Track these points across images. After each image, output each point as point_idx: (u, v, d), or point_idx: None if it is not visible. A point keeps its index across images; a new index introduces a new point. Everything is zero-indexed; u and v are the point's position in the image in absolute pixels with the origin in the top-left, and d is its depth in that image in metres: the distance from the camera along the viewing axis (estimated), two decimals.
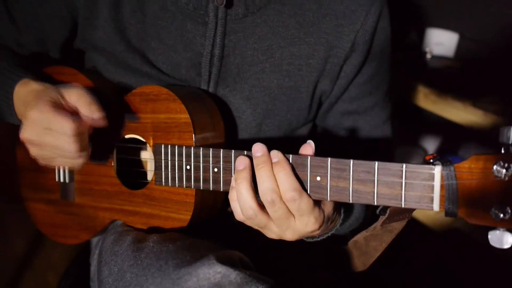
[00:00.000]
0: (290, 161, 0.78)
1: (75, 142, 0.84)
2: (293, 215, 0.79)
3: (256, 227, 0.84)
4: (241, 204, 0.79)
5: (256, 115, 1.02)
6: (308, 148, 0.79)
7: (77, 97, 0.87)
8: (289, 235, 0.82)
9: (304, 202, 0.77)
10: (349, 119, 1.12)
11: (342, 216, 0.92)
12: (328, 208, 0.82)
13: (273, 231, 0.83)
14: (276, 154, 0.78)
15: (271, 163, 0.78)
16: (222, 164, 0.84)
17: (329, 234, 0.92)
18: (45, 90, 0.89)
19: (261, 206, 0.79)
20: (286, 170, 0.77)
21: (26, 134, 0.86)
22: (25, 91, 0.93)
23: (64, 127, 0.83)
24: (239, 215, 0.81)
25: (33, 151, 0.89)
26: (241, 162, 0.79)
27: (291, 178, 0.77)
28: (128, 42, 1.01)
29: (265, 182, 0.77)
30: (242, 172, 0.79)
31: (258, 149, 0.78)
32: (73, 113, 0.87)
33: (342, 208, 0.92)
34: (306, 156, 0.77)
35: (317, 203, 0.80)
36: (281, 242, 0.87)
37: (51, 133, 0.84)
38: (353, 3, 0.99)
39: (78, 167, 0.92)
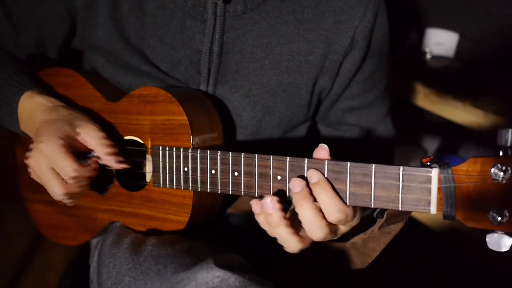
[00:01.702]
0: (288, 164, 0.77)
1: (65, 189, 0.87)
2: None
3: None
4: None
5: (255, 112, 1.02)
6: (322, 152, 0.76)
7: (95, 141, 0.90)
8: (335, 238, 0.81)
9: (349, 218, 0.74)
10: (352, 115, 1.12)
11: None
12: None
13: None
14: (315, 174, 0.74)
15: (312, 195, 0.74)
16: (220, 166, 0.84)
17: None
18: (59, 119, 0.91)
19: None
20: (328, 190, 0.73)
21: (31, 161, 0.89)
22: (31, 104, 0.95)
23: (67, 171, 0.86)
24: (295, 244, 0.78)
25: (31, 174, 0.92)
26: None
27: (334, 198, 0.73)
28: (127, 41, 1.01)
29: (311, 219, 0.73)
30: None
31: (297, 184, 0.74)
32: (84, 151, 0.91)
33: None
34: (303, 158, 0.76)
35: (355, 209, 0.77)
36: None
37: (51, 171, 0.87)
38: (351, 0, 0.99)
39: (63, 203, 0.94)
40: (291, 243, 0.77)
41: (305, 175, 0.76)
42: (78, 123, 0.90)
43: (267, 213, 0.74)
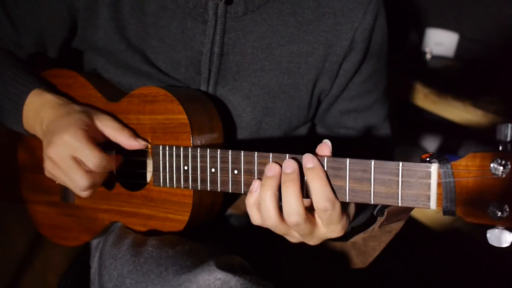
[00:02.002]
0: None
1: (89, 179, 0.89)
2: (319, 225, 0.77)
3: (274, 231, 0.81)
4: (263, 213, 0.76)
5: (255, 113, 1.02)
6: (325, 148, 0.76)
7: (114, 130, 0.93)
8: (312, 242, 0.81)
9: (336, 212, 0.74)
10: (349, 117, 1.12)
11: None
12: (352, 210, 0.81)
13: (295, 238, 0.81)
14: (311, 160, 0.74)
15: (300, 181, 0.74)
16: (220, 165, 0.84)
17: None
18: (74, 111, 0.92)
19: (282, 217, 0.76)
20: (321, 177, 0.73)
21: (53, 152, 0.88)
22: (40, 102, 0.96)
23: (92, 159, 0.87)
24: (257, 221, 0.79)
25: (48, 166, 0.92)
26: (271, 169, 0.76)
27: (326, 186, 0.73)
28: (128, 41, 1.01)
29: (291, 203, 0.73)
30: (270, 180, 0.75)
31: (289, 165, 0.74)
32: (102, 140, 0.93)
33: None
34: (302, 155, 0.76)
35: (345, 209, 0.77)
36: (280, 243, 0.87)
37: (75, 161, 0.88)
38: (351, 2, 0.99)
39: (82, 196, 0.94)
40: (271, 214, 0.76)
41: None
42: (93, 113, 0.93)
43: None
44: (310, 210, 0.76)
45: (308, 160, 0.74)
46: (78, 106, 0.95)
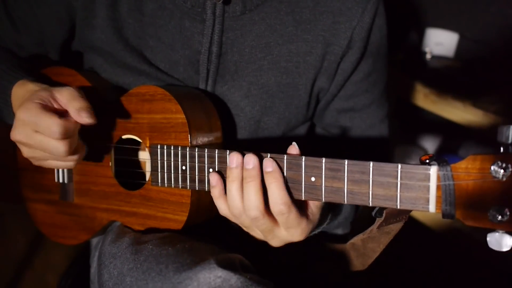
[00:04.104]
0: (285, 162, 0.77)
1: (64, 144, 0.83)
2: (280, 226, 0.80)
3: (240, 225, 0.85)
4: (229, 202, 0.80)
5: (254, 113, 1.02)
6: (292, 149, 0.79)
7: (67, 98, 0.86)
8: (274, 242, 0.84)
9: (292, 216, 0.78)
10: (346, 116, 1.12)
11: (330, 215, 0.93)
12: (315, 216, 0.83)
13: (257, 234, 0.85)
14: (270, 164, 0.77)
15: (260, 177, 0.78)
16: (217, 165, 0.84)
17: (316, 232, 0.93)
18: (38, 91, 0.88)
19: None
20: (279, 182, 0.77)
21: (15, 134, 0.85)
22: (22, 92, 0.93)
23: (51, 128, 0.82)
24: (224, 211, 0.83)
25: (25, 152, 0.89)
26: (233, 160, 0.79)
27: (282, 191, 0.77)
28: (126, 41, 1.00)
29: (251, 198, 0.78)
30: (235, 170, 0.79)
31: (249, 161, 0.78)
32: (63, 114, 0.86)
33: (331, 209, 0.93)
34: (301, 156, 0.76)
35: (304, 214, 0.80)
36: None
37: (38, 134, 0.83)
38: (349, 1, 0.99)
39: (72, 167, 0.91)
40: (236, 204, 0.80)
41: (302, 174, 0.77)
42: (56, 88, 0.87)
43: (232, 168, 0.79)
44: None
45: (267, 164, 0.77)
46: (50, 86, 0.90)
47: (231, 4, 0.96)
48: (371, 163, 0.70)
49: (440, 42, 1.88)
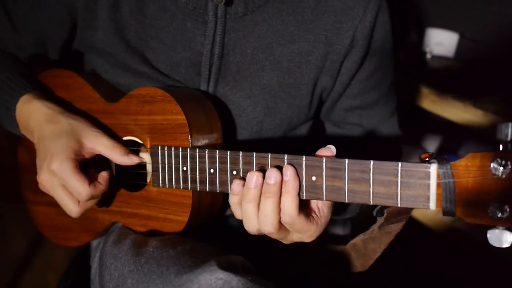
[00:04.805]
0: (286, 162, 0.77)
1: (80, 207, 0.90)
2: (291, 232, 0.81)
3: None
4: (244, 215, 0.80)
5: (256, 113, 1.02)
6: (328, 152, 0.77)
7: (107, 149, 0.92)
8: (285, 242, 0.85)
9: (297, 225, 0.78)
10: (354, 114, 1.12)
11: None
12: (326, 217, 0.83)
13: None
14: (288, 172, 0.76)
15: (280, 194, 0.77)
16: (218, 165, 0.84)
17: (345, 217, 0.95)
18: (61, 134, 0.91)
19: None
20: (292, 194, 0.76)
21: (43, 180, 0.89)
22: (28, 109, 0.95)
23: (79, 190, 0.87)
24: (239, 216, 0.82)
25: (42, 189, 0.92)
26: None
27: (292, 204, 0.76)
28: (127, 43, 1.01)
29: (267, 213, 0.77)
30: (255, 190, 0.78)
31: (271, 175, 0.77)
32: (93, 157, 0.93)
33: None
34: (301, 156, 0.76)
35: (314, 220, 0.80)
36: (280, 244, 0.87)
37: (65, 191, 0.89)
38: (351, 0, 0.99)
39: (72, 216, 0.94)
40: (252, 223, 0.80)
41: (303, 173, 0.76)
42: (81, 134, 0.91)
43: (250, 188, 0.78)
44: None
45: (285, 172, 0.77)
46: (65, 120, 0.93)
47: (233, 5, 0.96)
48: (372, 162, 0.70)
49: (440, 42, 1.88)
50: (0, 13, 1.05)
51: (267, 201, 0.77)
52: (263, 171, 0.78)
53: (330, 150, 0.77)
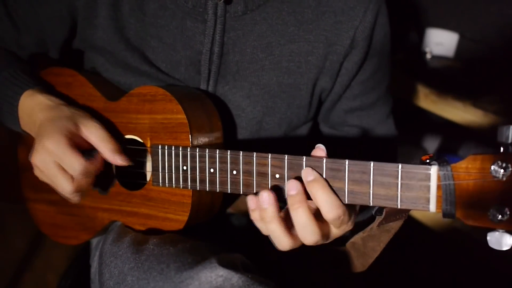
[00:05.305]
0: (286, 162, 0.77)
1: (74, 184, 0.88)
2: (332, 229, 0.77)
3: None
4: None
5: (256, 113, 1.02)
6: (320, 152, 0.76)
7: (99, 138, 0.91)
8: (324, 242, 0.80)
9: (347, 215, 0.74)
10: (353, 116, 1.12)
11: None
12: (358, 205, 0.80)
13: None
14: (310, 172, 0.73)
15: (306, 200, 0.73)
16: (218, 165, 0.84)
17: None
18: (60, 117, 0.91)
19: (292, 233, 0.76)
20: (325, 188, 0.72)
21: (37, 160, 0.89)
22: (32, 104, 0.96)
23: (74, 165, 0.86)
24: (265, 232, 0.78)
25: (36, 172, 0.92)
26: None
27: (332, 195, 0.72)
28: (127, 41, 1.01)
29: (305, 223, 0.73)
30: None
31: (292, 187, 0.74)
32: (87, 147, 0.91)
33: None
34: (301, 156, 0.76)
35: (351, 206, 0.76)
36: None
37: (59, 168, 0.87)
38: (351, 0, 0.99)
39: (72, 201, 0.93)
40: (282, 241, 0.77)
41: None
42: (80, 120, 0.91)
43: (262, 208, 0.74)
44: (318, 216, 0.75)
45: (308, 173, 0.74)
46: (68, 109, 0.93)
47: (232, 4, 0.96)
48: (372, 163, 0.70)
49: (440, 42, 1.88)
50: (1, 12, 1.05)
51: (298, 212, 0.73)
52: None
53: (320, 149, 0.76)
